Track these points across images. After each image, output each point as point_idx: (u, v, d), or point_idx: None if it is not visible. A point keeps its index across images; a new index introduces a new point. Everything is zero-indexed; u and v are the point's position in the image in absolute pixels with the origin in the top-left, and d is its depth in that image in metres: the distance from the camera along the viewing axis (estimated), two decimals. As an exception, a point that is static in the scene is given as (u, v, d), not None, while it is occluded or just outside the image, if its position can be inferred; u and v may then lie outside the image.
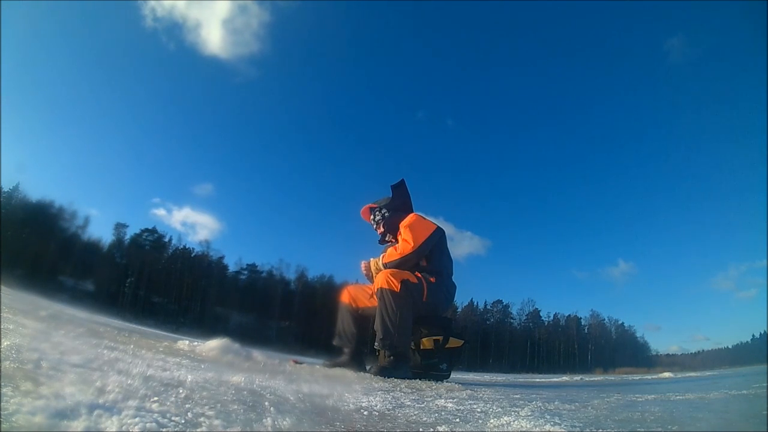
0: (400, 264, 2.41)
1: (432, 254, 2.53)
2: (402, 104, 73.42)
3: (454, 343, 2.52)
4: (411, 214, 2.63)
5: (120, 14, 57.29)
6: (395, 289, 2.27)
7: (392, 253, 2.47)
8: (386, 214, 2.72)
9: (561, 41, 75.22)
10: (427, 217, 2.65)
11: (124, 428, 0.53)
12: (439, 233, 2.57)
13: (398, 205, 2.75)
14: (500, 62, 75.78)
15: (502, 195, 71.65)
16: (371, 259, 2.62)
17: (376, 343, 2.30)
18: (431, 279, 2.44)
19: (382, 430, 0.80)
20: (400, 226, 2.56)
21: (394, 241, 2.68)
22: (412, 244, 2.43)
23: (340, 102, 72.67)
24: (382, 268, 2.48)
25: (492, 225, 70.47)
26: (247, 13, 59.90)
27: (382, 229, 2.72)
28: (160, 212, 55.33)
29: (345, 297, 2.65)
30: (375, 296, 2.38)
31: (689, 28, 66.50)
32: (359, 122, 72.23)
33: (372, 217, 2.79)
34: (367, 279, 2.66)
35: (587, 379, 7.57)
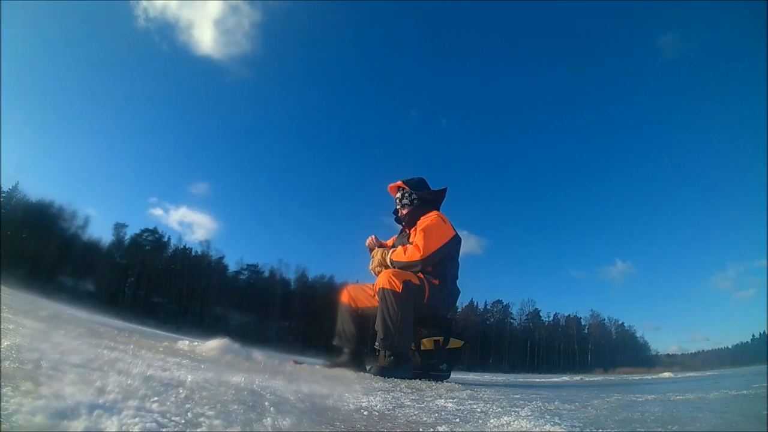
0: (405, 267, 2.41)
1: (440, 258, 2.50)
2: (395, 103, 73.18)
3: (454, 343, 2.52)
4: (433, 214, 2.57)
5: (113, 15, 57.39)
6: (397, 290, 2.26)
7: (400, 254, 2.45)
8: (415, 201, 2.70)
9: (555, 40, 74.95)
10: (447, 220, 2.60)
11: (124, 428, 0.53)
12: (453, 242, 2.53)
13: (429, 198, 2.74)
14: (494, 61, 75.45)
15: (498, 194, 71.67)
16: (379, 249, 2.60)
17: (376, 343, 2.30)
18: (434, 281, 2.43)
19: (382, 430, 0.80)
20: (418, 224, 2.53)
21: (406, 232, 2.67)
22: (421, 253, 2.39)
23: (334, 102, 72.57)
24: (387, 262, 2.48)
25: (488, 224, 70.23)
26: (238, 13, 60.16)
27: (404, 212, 2.70)
28: (157, 212, 54.96)
29: (345, 297, 2.64)
30: (376, 296, 2.38)
31: (681, 24, 66.13)
32: (353, 121, 72.16)
33: (399, 195, 2.75)
34: (370, 254, 2.66)
35: (587, 379, 7.57)
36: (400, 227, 2.78)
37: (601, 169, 69.42)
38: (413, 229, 2.58)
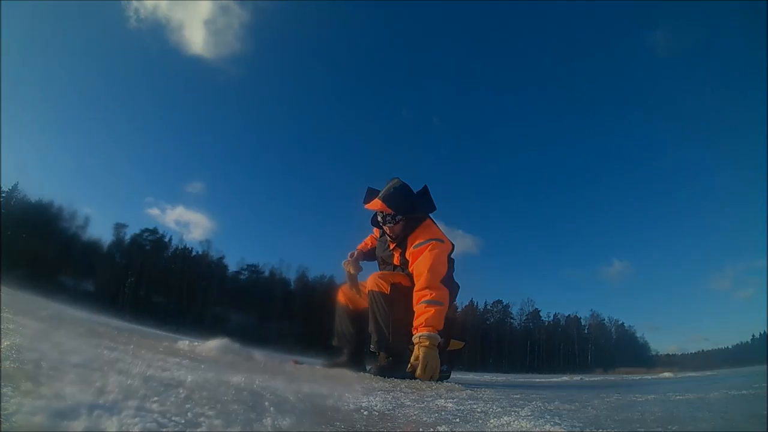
0: (443, 309, 2.21)
1: None
2: (387, 102, 72.80)
3: (454, 345, 2.53)
4: (426, 237, 2.35)
5: (106, 15, 57.84)
6: (385, 291, 2.26)
7: (426, 316, 2.14)
8: (400, 221, 2.43)
9: (549, 37, 74.57)
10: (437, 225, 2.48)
11: (124, 428, 0.53)
12: (451, 253, 2.43)
13: (415, 216, 2.47)
14: (487, 59, 75.07)
15: (495, 193, 71.55)
16: (425, 348, 2.11)
17: (371, 346, 2.30)
18: None
19: (382, 430, 0.80)
20: (411, 250, 2.35)
21: (390, 246, 2.51)
22: (447, 297, 2.24)
23: (329, 101, 72.38)
24: (437, 337, 2.17)
25: (485, 224, 70.31)
26: (228, 13, 60.60)
27: (396, 228, 2.44)
28: (154, 211, 54.97)
29: (341, 297, 2.63)
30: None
31: (673, 20, 65.49)
32: (347, 121, 71.71)
33: (382, 217, 2.45)
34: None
35: (587, 379, 7.58)
36: (381, 231, 2.59)
37: (597, 168, 69.34)
38: (398, 250, 2.45)
